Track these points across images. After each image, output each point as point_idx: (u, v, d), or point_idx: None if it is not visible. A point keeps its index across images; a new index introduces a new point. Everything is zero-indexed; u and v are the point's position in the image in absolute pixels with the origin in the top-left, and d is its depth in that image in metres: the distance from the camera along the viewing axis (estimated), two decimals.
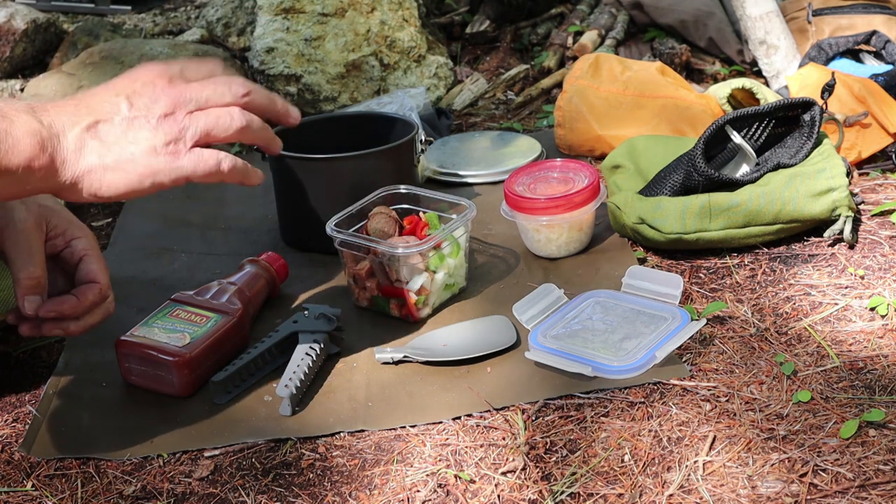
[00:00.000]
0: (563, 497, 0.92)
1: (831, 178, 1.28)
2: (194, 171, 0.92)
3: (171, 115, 0.91)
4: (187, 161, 0.91)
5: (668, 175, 1.35)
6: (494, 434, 1.02)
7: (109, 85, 0.93)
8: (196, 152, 0.92)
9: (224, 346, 1.14)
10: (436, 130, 1.79)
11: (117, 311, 1.29)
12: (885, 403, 1.00)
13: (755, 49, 1.85)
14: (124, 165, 0.89)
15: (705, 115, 1.61)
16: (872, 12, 1.88)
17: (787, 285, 1.23)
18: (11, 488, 1.00)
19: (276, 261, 1.29)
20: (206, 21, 2.36)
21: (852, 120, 1.49)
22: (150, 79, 0.93)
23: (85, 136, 0.89)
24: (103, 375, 1.16)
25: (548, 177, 1.37)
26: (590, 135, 1.66)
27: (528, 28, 2.31)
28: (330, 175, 1.36)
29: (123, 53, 2.06)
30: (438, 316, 1.24)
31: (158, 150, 0.90)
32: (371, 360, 1.15)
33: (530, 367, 1.11)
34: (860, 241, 1.31)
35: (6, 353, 1.23)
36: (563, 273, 1.31)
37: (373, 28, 1.99)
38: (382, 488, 0.96)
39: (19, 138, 0.86)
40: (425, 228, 1.26)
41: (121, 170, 0.89)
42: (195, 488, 0.98)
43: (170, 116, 0.91)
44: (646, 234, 1.30)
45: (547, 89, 2.02)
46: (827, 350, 1.10)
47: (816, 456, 0.94)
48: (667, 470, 0.94)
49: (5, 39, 2.25)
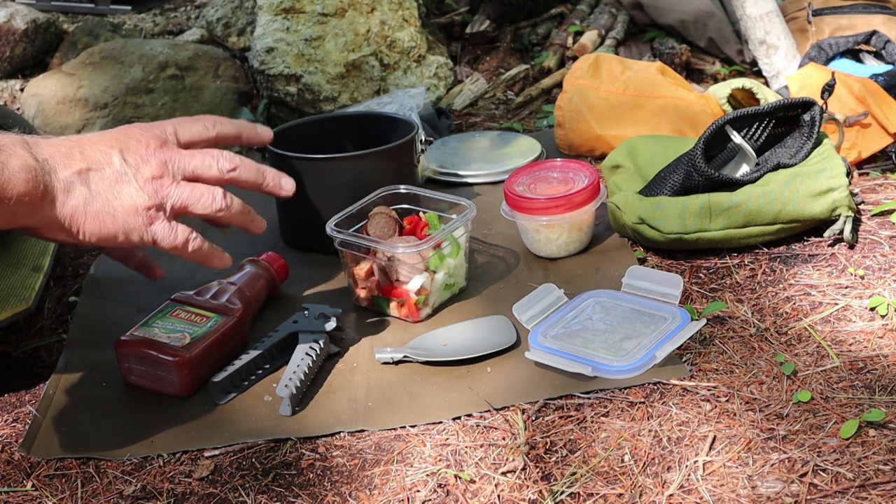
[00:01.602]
0: (563, 497, 0.92)
1: (831, 178, 1.28)
2: (162, 241, 0.97)
3: (158, 179, 0.96)
4: (160, 229, 0.97)
5: (668, 175, 1.35)
6: (494, 434, 1.02)
7: (105, 135, 0.97)
8: (171, 225, 0.97)
9: (224, 346, 1.14)
10: (436, 130, 1.79)
11: (117, 311, 1.29)
12: (885, 403, 1.00)
13: (755, 49, 1.85)
14: (104, 217, 0.94)
15: (705, 115, 1.61)
16: (872, 12, 1.88)
17: (787, 285, 1.23)
18: (11, 488, 1.00)
19: (276, 261, 1.29)
20: (206, 21, 2.36)
21: (852, 120, 1.49)
22: (144, 139, 0.98)
23: (75, 179, 0.93)
24: (103, 375, 1.16)
25: (548, 177, 1.37)
26: (590, 135, 1.66)
27: (528, 28, 2.31)
28: (330, 175, 1.36)
29: (123, 53, 2.06)
30: (438, 316, 1.24)
31: (139, 210, 0.95)
32: (371, 360, 1.15)
33: (530, 367, 1.11)
34: (860, 241, 1.31)
35: (6, 353, 1.23)
36: (563, 273, 1.31)
37: (373, 28, 1.99)
38: (382, 488, 0.96)
39: (15, 172, 0.89)
40: (425, 228, 1.26)
41: (100, 220, 0.94)
42: (195, 488, 0.98)
43: (157, 181, 0.96)
44: (646, 234, 1.30)
45: (547, 89, 2.02)
46: (827, 350, 1.10)
47: (816, 456, 0.94)
48: (667, 470, 0.94)
49: (5, 39, 2.25)
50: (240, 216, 1.03)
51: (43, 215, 0.92)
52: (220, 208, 1.00)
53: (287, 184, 1.06)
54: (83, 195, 0.93)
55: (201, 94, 2.03)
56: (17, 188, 0.89)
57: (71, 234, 0.94)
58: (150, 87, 2.01)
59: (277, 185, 1.05)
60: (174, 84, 2.02)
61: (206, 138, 1.03)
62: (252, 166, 1.03)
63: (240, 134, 1.06)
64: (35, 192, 0.90)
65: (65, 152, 0.93)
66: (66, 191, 0.92)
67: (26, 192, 0.89)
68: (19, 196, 0.89)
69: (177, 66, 2.04)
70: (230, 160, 1.01)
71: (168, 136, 0.99)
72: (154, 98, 2.00)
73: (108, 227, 0.94)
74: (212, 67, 2.07)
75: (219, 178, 1.00)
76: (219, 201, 0.99)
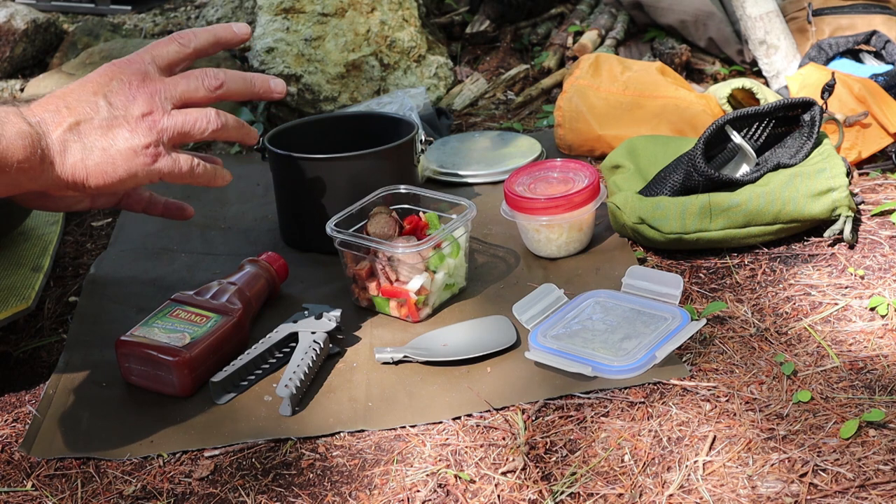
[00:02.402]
0: (563, 497, 0.92)
1: (831, 178, 1.28)
2: (170, 173, 0.97)
3: (148, 115, 0.95)
4: (164, 164, 0.96)
5: (668, 175, 1.35)
6: (494, 434, 1.02)
7: (87, 82, 0.96)
8: (173, 157, 0.97)
9: (224, 346, 1.14)
10: (436, 130, 1.79)
11: (117, 311, 1.29)
12: (885, 403, 1.00)
13: (755, 49, 1.85)
14: (105, 167, 0.93)
15: (705, 115, 1.61)
16: (872, 12, 1.88)
17: (787, 285, 1.23)
18: (11, 488, 1.00)
19: (276, 261, 1.29)
20: (206, 21, 2.36)
21: (852, 120, 1.49)
22: (126, 77, 0.96)
23: (68, 136, 0.92)
24: (103, 375, 1.16)
25: (548, 177, 1.37)
26: (590, 135, 1.66)
27: (528, 28, 2.31)
28: (330, 175, 1.36)
29: (123, 53, 2.06)
30: (438, 316, 1.24)
31: (138, 151, 0.94)
32: (371, 360, 1.15)
33: (530, 367, 1.11)
34: (860, 241, 1.31)
35: (6, 353, 1.23)
36: (563, 273, 1.31)
37: (373, 28, 1.99)
38: (382, 488, 0.96)
39: (12, 140, 0.88)
40: (425, 228, 1.26)
41: (102, 170, 0.93)
42: (195, 488, 0.98)
43: (147, 117, 0.95)
44: (646, 234, 1.30)
45: (547, 89, 2.02)
46: (827, 350, 1.10)
47: (816, 456, 0.94)
48: (667, 470, 0.94)
49: (5, 39, 2.25)
50: (235, 131, 1.01)
51: (45, 178, 0.92)
52: (216, 128, 0.99)
53: (278, 85, 1.04)
54: (79, 150, 0.92)
55: None
56: (16, 155, 0.88)
57: (78, 189, 0.94)
58: None
59: (268, 90, 1.03)
60: None
61: (185, 55, 1.01)
62: (238, 76, 1.01)
63: (216, 39, 1.03)
64: (34, 156, 0.89)
65: (52, 110, 0.93)
66: (62, 150, 0.92)
67: (25, 158, 0.89)
68: (19, 163, 0.89)
69: None
70: (215, 77, 0.99)
71: (148, 67, 0.97)
72: None
73: (111, 175, 0.94)
74: (212, 67, 2.06)
75: (208, 98, 0.99)
76: (213, 121, 0.98)
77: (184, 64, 1.01)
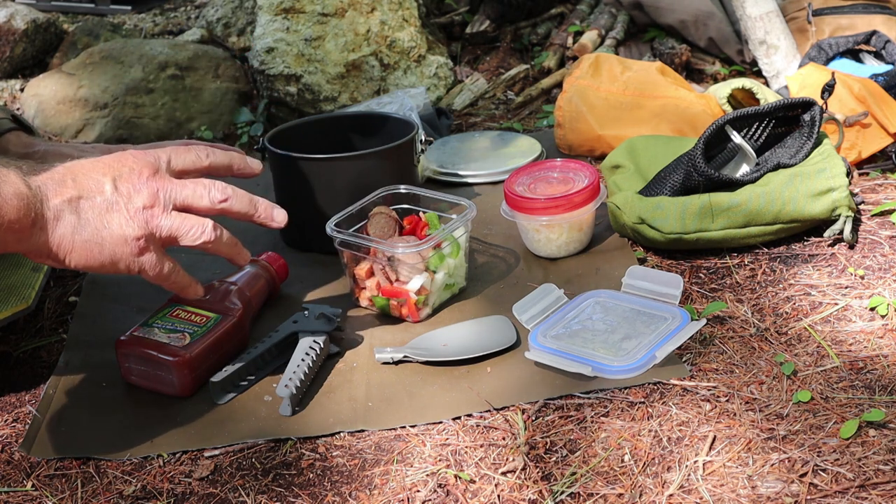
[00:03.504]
0: (563, 497, 0.92)
1: (831, 178, 1.28)
2: (149, 271, 0.98)
3: (149, 208, 0.96)
4: (147, 260, 0.97)
5: (668, 175, 1.35)
6: (494, 434, 1.02)
7: (99, 162, 0.97)
8: (157, 257, 0.98)
9: (224, 346, 1.14)
10: (436, 130, 1.79)
11: (117, 311, 1.29)
12: (885, 403, 1.00)
13: (755, 49, 1.85)
14: (91, 246, 0.94)
15: (705, 115, 1.61)
16: (872, 12, 1.88)
17: (787, 285, 1.23)
18: (11, 488, 1.00)
19: (276, 261, 1.29)
20: (206, 21, 2.36)
21: (852, 120, 1.49)
22: (137, 166, 0.97)
23: (65, 207, 0.93)
24: (103, 375, 1.16)
25: (548, 177, 1.37)
26: (590, 135, 1.66)
27: (528, 28, 2.31)
28: (330, 175, 1.36)
29: (123, 53, 2.06)
30: (438, 316, 1.24)
31: (128, 240, 0.95)
32: (371, 360, 1.15)
33: (530, 367, 1.11)
34: (860, 241, 1.31)
35: (6, 353, 1.23)
36: (563, 273, 1.31)
37: (373, 28, 1.99)
38: (382, 488, 0.96)
39: (7, 199, 0.89)
40: (425, 228, 1.26)
41: (87, 249, 0.94)
42: (195, 488, 0.98)
43: (147, 210, 0.96)
44: (646, 234, 1.30)
45: (547, 89, 2.02)
46: (827, 350, 1.10)
47: (816, 456, 0.94)
48: (667, 470, 0.94)
49: (5, 39, 2.25)
50: (226, 248, 1.03)
51: (32, 242, 0.92)
52: (209, 241, 1.00)
53: (279, 215, 1.05)
54: (72, 223, 0.93)
55: (201, 95, 2.03)
56: (9, 215, 0.88)
57: (57, 261, 0.94)
58: (150, 87, 2.01)
59: (269, 217, 1.05)
60: (174, 84, 2.02)
61: (199, 167, 1.03)
62: (244, 197, 1.03)
63: (231, 164, 1.06)
64: (26, 219, 0.90)
65: (58, 179, 0.93)
66: (56, 219, 0.92)
67: (17, 219, 0.89)
68: (10, 223, 0.89)
69: (177, 67, 2.04)
70: (222, 191, 1.01)
71: (161, 164, 0.99)
72: (154, 98, 2.00)
73: (95, 255, 0.94)
74: (212, 67, 2.07)
75: (210, 209, 1.00)
76: (208, 234, 0.99)
77: (194, 175, 1.03)
